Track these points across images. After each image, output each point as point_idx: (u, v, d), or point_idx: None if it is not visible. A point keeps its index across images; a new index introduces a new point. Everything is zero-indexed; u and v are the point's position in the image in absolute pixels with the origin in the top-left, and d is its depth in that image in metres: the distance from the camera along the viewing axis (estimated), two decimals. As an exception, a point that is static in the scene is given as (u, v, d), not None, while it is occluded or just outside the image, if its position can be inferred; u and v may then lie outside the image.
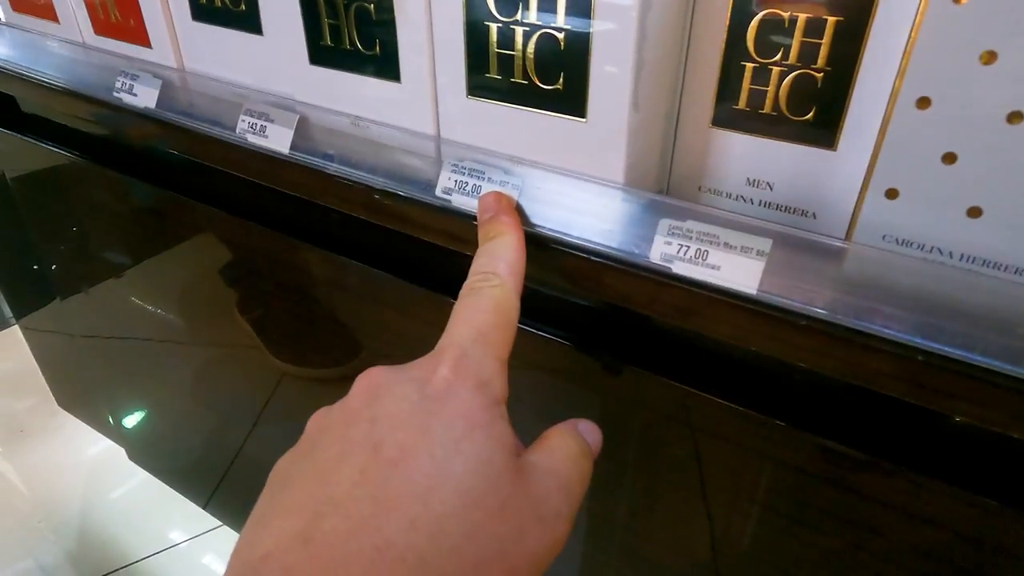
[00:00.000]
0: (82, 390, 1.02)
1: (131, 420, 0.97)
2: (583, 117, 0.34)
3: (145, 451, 0.99)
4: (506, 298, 0.30)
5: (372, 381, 0.27)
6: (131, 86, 0.51)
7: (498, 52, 0.34)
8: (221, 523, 1.11)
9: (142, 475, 1.15)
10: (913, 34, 0.27)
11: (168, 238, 0.64)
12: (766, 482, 0.36)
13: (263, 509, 0.25)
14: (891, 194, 0.30)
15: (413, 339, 0.45)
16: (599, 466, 0.30)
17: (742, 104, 0.35)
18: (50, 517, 1.18)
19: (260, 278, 0.58)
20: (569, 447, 0.28)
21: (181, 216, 0.60)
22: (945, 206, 0.29)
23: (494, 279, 0.31)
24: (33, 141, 0.68)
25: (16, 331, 1.10)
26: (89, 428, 1.12)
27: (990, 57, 0.26)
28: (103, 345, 0.87)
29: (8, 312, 1.07)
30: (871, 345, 0.29)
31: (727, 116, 0.35)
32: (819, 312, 0.30)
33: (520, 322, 0.38)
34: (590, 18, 0.31)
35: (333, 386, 0.56)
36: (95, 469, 1.27)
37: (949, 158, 0.28)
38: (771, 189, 0.36)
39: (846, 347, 0.30)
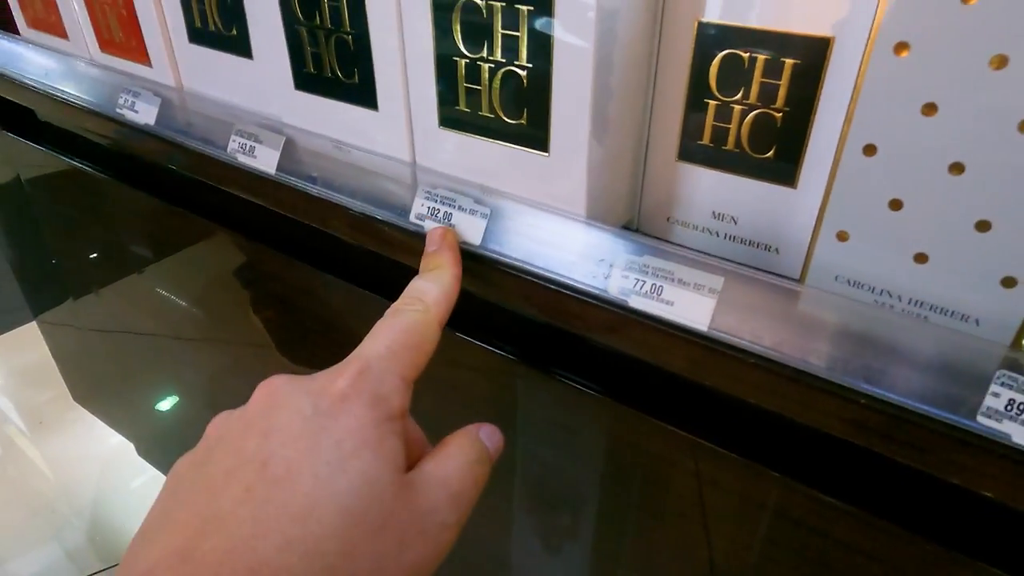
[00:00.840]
0: (95, 386, 1.06)
1: (140, 417, 0.99)
2: (546, 151, 0.34)
3: (153, 447, 1.02)
4: (426, 324, 0.31)
5: (271, 389, 0.28)
6: (133, 103, 0.53)
7: (466, 86, 0.35)
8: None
9: (153, 470, 1.18)
10: (859, 81, 0.28)
11: (169, 245, 0.67)
12: (711, 506, 0.37)
13: (153, 520, 0.26)
14: (842, 236, 0.31)
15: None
16: (556, 473, 0.31)
17: (706, 140, 0.35)
18: (71, 503, 1.22)
19: (255, 286, 0.59)
20: (466, 454, 0.29)
21: (180, 226, 0.62)
22: (892, 251, 0.29)
23: (419, 304, 0.32)
24: (46, 150, 0.71)
25: (35, 327, 1.13)
26: (103, 423, 1.15)
27: (930, 109, 0.26)
28: (112, 342, 0.90)
29: (27, 308, 1.11)
30: (816, 385, 0.30)
31: (692, 151, 0.36)
32: (767, 351, 0.30)
33: (480, 339, 0.39)
34: (550, 58, 0.32)
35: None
36: (109, 462, 1.30)
37: (895, 204, 0.28)
38: (735, 223, 0.37)
39: (793, 385, 0.30)
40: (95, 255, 0.81)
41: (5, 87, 0.67)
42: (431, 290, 0.33)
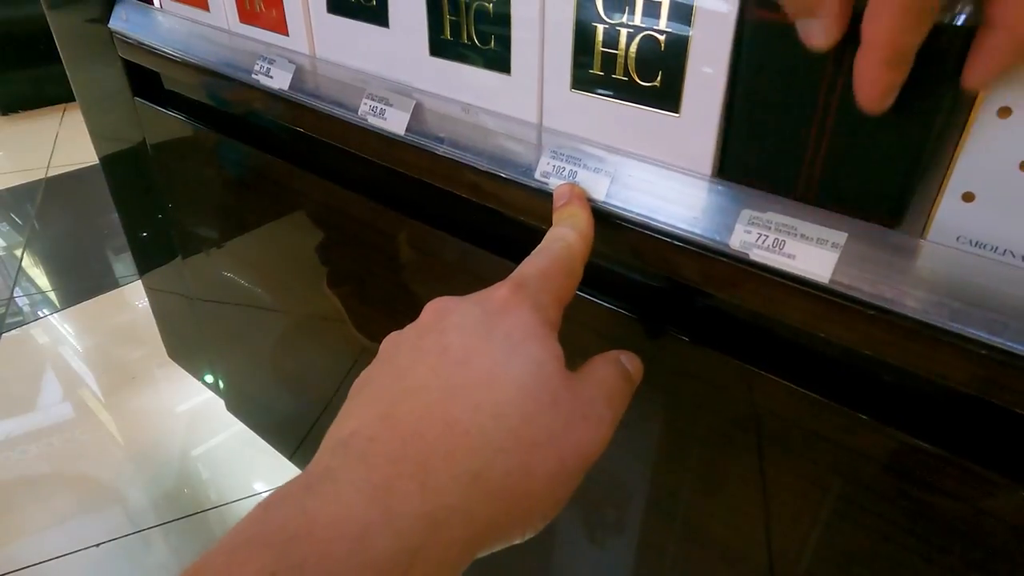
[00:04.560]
0: (191, 345, 1.13)
1: (232, 375, 1.06)
2: (677, 112, 0.37)
3: (242, 404, 1.08)
4: (571, 256, 0.34)
5: (439, 304, 0.32)
6: (268, 69, 0.58)
7: (603, 50, 0.38)
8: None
9: (235, 428, 1.25)
10: (999, 47, 0.29)
11: (285, 211, 0.71)
12: (827, 466, 0.38)
13: (346, 408, 0.29)
14: (967, 197, 0.32)
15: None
16: (661, 435, 0.33)
17: (829, 107, 0.37)
18: (145, 462, 1.30)
19: (371, 252, 0.63)
20: (613, 368, 0.32)
21: (299, 189, 0.67)
22: (1021, 212, 0.30)
23: (562, 241, 0.35)
24: (177, 115, 0.76)
25: (137, 286, 1.22)
26: (193, 380, 1.23)
27: (1073, 71, 0.27)
28: (215, 306, 0.96)
29: (133, 268, 1.19)
30: (938, 338, 0.31)
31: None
32: (889, 304, 0.32)
33: (601, 298, 0.41)
34: (690, 23, 0.34)
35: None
36: (194, 418, 1.39)
37: (1027, 165, 0.30)
38: (852, 189, 0.38)
39: (914, 338, 0.32)
40: (208, 218, 0.87)
41: (143, 56, 0.73)
42: (569, 232, 0.36)
